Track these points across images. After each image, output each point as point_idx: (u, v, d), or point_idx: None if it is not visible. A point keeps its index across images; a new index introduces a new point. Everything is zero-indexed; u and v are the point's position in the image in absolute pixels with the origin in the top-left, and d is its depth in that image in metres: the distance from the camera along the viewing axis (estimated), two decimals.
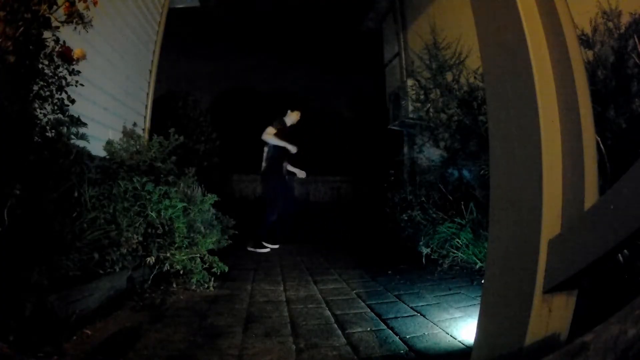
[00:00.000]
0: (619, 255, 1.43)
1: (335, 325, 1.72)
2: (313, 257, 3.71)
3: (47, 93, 1.60)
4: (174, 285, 2.34)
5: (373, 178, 6.44)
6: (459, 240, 2.96)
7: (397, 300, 2.16)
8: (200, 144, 5.50)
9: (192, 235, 2.45)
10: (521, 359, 0.84)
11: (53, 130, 1.68)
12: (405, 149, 5.71)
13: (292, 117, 4.42)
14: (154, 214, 2.28)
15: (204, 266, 2.39)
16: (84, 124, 1.83)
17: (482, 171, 3.02)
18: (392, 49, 6.35)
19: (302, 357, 1.38)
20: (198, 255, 2.38)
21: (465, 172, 3.58)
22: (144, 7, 3.89)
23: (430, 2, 5.09)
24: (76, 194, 1.82)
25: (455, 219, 3.12)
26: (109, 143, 2.77)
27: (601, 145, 1.72)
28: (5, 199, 1.30)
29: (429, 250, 3.19)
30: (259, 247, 4.05)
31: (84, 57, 1.65)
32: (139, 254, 2.18)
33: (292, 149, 4.23)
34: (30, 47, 1.47)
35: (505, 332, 0.91)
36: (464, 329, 1.66)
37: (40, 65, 1.55)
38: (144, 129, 4.01)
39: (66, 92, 1.68)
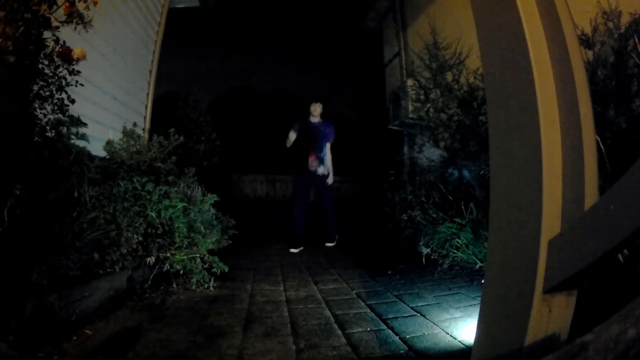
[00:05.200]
0: (619, 255, 1.43)
1: (335, 325, 1.72)
2: (313, 257, 3.71)
3: (47, 93, 1.60)
4: (174, 285, 2.34)
5: (373, 178, 6.44)
6: (459, 240, 2.96)
7: (397, 300, 2.16)
8: (200, 144, 5.49)
9: (192, 235, 2.45)
10: (521, 359, 0.84)
11: (53, 130, 1.68)
12: (405, 149, 5.71)
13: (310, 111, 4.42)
14: (154, 214, 2.28)
15: (204, 266, 2.39)
16: (84, 124, 1.83)
17: (482, 171, 3.02)
18: (392, 49, 6.35)
19: (302, 357, 1.38)
20: (198, 255, 2.38)
21: (465, 172, 3.58)
22: (144, 7, 3.89)
23: (430, 2, 5.09)
24: (76, 194, 1.82)
25: (455, 219, 3.12)
26: (109, 143, 2.77)
27: (601, 145, 1.72)
28: (5, 198, 1.30)
29: (429, 250, 3.18)
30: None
31: (84, 57, 1.65)
32: (139, 254, 2.17)
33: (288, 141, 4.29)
34: (30, 47, 1.46)
35: (505, 332, 0.91)
36: (464, 329, 1.66)
37: (40, 65, 1.54)
38: (144, 129, 4.01)
39: (66, 92, 1.68)
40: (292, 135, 4.28)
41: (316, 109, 4.31)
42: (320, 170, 4.23)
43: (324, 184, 4.29)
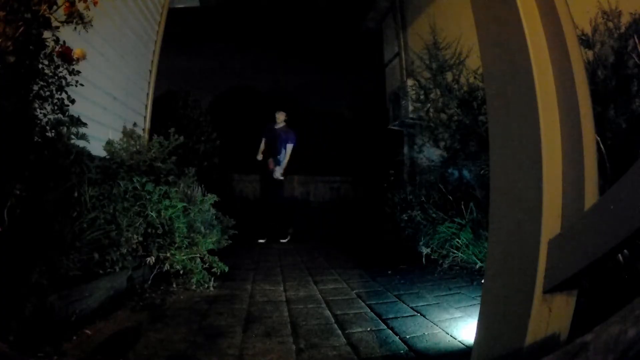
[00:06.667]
0: (619, 255, 1.43)
1: (335, 325, 1.72)
2: (313, 257, 3.71)
3: (47, 93, 1.60)
4: (174, 285, 2.34)
5: (373, 178, 6.44)
6: (459, 240, 2.96)
7: (397, 300, 2.16)
8: (200, 144, 5.49)
9: (192, 235, 2.45)
10: (521, 359, 0.84)
11: (53, 130, 1.67)
12: (405, 149, 5.71)
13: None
14: (154, 214, 2.28)
15: (204, 266, 2.39)
16: (84, 124, 1.82)
17: (482, 171, 3.02)
18: (392, 49, 6.35)
19: (302, 357, 1.38)
20: (198, 255, 2.38)
21: (465, 172, 3.58)
22: (144, 7, 3.89)
23: (430, 2, 5.09)
24: (76, 194, 1.82)
25: (455, 219, 3.12)
26: (109, 143, 2.77)
27: (601, 145, 1.72)
28: (5, 198, 1.30)
29: (429, 250, 3.19)
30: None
31: (84, 57, 1.65)
32: (139, 254, 2.18)
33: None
34: (30, 47, 1.46)
35: (505, 332, 0.91)
36: (464, 329, 1.66)
37: (40, 65, 1.54)
38: (144, 129, 4.01)
39: (66, 92, 1.68)
40: (262, 146, 4.84)
41: (279, 117, 4.81)
42: (276, 171, 4.64)
43: (274, 180, 4.70)
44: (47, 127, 1.65)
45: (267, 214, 4.79)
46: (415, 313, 1.91)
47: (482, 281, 1.07)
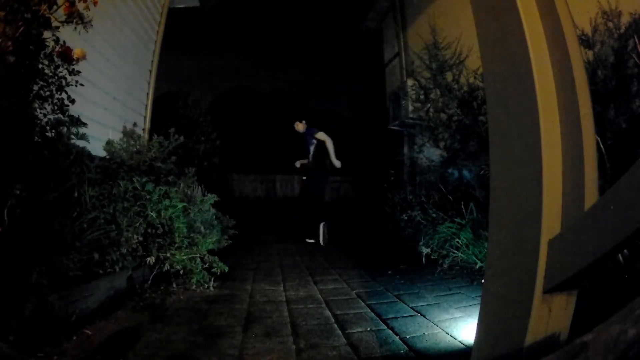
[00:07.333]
0: (619, 255, 1.43)
1: (335, 325, 1.72)
2: (313, 257, 3.71)
3: (47, 93, 1.60)
4: (174, 285, 2.34)
5: (373, 178, 6.45)
6: (459, 240, 2.96)
7: (397, 300, 2.16)
8: (200, 144, 5.50)
9: (192, 235, 2.45)
10: (521, 359, 0.84)
11: (53, 130, 1.67)
12: (405, 149, 5.71)
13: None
14: (154, 214, 2.28)
15: (204, 266, 2.39)
16: (84, 124, 1.83)
17: (482, 171, 3.02)
18: (392, 49, 6.35)
19: (302, 357, 1.38)
20: (198, 255, 2.38)
21: (465, 172, 3.58)
22: (144, 7, 3.89)
23: (430, 2, 5.10)
24: (76, 194, 1.82)
25: (455, 219, 3.12)
26: (109, 143, 2.77)
27: (601, 145, 1.72)
28: (5, 198, 1.30)
29: (429, 250, 3.19)
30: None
31: (84, 57, 1.65)
32: (139, 254, 2.17)
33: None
34: (30, 47, 1.46)
35: (505, 332, 0.91)
36: (464, 329, 1.66)
37: (40, 65, 1.54)
38: (144, 129, 4.01)
39: (66, 92, 1.68)
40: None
41: (297, 127, 5.06)
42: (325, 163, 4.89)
43: (309, 176, 4.93)
44: (47, 127, 1.65)
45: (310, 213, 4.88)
46: (415, 313, 1.91)
47: (482, 281, 1.07)
